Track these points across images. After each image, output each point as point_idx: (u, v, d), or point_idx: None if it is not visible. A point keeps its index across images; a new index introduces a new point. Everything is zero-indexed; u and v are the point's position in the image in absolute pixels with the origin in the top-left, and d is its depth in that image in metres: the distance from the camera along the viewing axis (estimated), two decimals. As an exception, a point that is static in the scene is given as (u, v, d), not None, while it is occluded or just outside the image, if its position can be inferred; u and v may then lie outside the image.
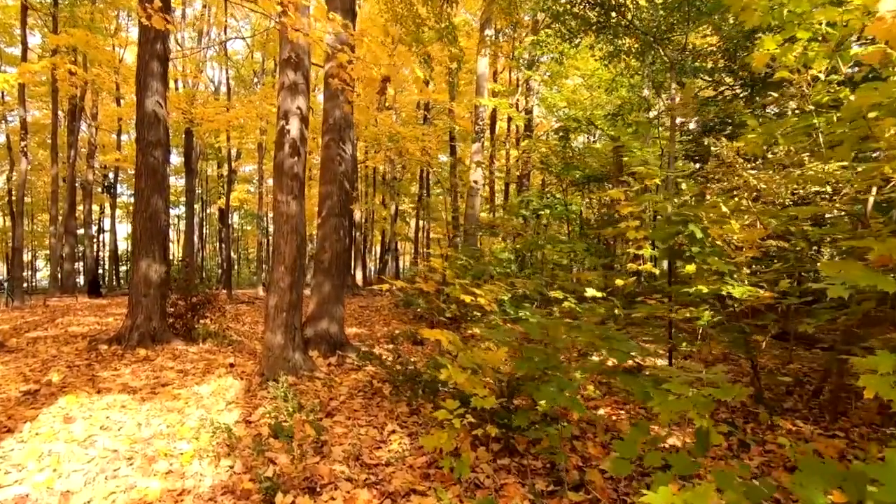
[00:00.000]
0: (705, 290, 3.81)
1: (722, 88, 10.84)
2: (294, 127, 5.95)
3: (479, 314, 11.16)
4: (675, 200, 5.35)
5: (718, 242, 4.25)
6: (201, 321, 9.29)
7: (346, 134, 7.37)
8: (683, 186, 5.54)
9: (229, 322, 11.36)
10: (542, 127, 24.15)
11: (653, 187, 7.97)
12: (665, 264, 5.99)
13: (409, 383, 4.90)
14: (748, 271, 4.37)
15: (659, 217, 5.60)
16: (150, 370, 6.64)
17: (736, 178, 5.73)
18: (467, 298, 4.61)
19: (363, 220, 26.28)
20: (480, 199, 17.25)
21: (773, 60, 4.59)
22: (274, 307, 5.94)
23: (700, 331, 3.78)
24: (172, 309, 9.03)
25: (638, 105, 14.15)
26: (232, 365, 6.80)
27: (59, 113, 23.63)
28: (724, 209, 4.61)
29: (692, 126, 12.04)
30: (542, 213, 10.93)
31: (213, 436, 3.97)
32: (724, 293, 3.78)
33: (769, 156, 4.99)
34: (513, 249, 11.26)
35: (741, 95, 10.08)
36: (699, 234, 4.08)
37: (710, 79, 13.60)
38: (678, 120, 10.39)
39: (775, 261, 4.58)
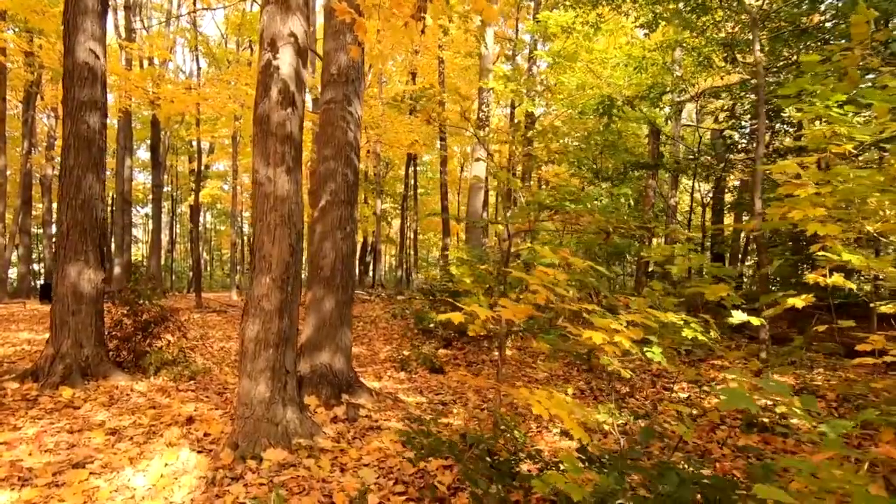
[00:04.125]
0: None
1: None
2: (286, 60, 3.83)
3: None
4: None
5: None
6: (155, 343, 7.07)
7: (355, 88, 5.25)
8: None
9: (194, 340, 9.12)
10: (541, 121, 22.39)
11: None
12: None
13: (496, 480, 2.82)
14: None
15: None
16: (66, 428, 4.46)
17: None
18: (597, 338, 2.61)
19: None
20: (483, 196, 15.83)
21: None
22: (254, 341, 3.81)
23: None
24: (116, 330, 6.82)
25: (673, 85, 12.29)
26: (191, 420, 4.65)
27: (16, 103, 21.03)
28: None
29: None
30: (579, 205, 8.93)
31: None
32: None
33: None
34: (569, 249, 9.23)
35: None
36: None
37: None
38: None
39: None
